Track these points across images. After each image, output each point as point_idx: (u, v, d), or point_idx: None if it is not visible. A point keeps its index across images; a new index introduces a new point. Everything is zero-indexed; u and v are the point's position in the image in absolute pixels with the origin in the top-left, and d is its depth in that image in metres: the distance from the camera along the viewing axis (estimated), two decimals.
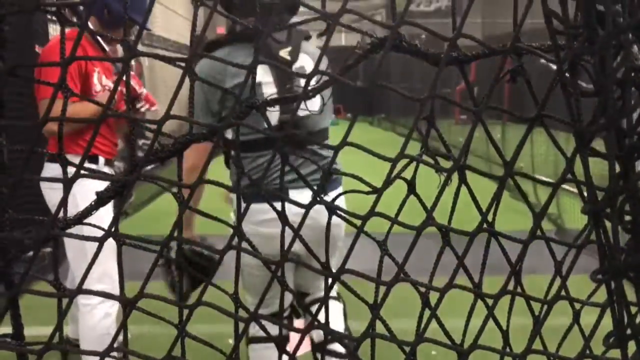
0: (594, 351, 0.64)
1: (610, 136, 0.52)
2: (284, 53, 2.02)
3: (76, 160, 0.60)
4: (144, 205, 6.28)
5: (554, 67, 0.60)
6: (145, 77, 10.19)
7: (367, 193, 0.62)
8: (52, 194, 2.58)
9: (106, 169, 2.62)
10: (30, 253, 0.62)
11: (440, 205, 0.62)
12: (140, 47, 0.61)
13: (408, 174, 0.65)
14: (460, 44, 0.63)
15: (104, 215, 0.63)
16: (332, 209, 0.62)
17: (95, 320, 2.64)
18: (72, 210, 0.60)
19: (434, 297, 0.65)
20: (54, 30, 5.05)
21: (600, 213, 0.53)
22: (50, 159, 2.48)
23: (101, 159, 2.60)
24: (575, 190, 0.64)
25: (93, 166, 2.56)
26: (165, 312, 0.61)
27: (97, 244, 0.61)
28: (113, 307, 2.67)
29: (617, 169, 0.55)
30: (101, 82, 2.59)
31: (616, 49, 0.54)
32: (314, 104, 1.88)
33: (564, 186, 0.70)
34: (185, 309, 0.62)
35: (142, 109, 2.72)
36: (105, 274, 2.48)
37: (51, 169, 2.47)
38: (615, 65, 0.54)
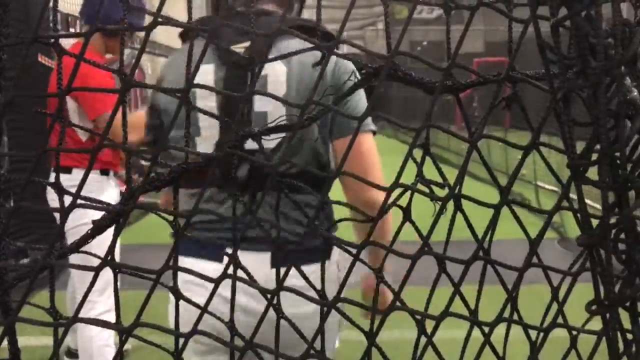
0: None
1: (604, 169, 0.52)
2: (239, 47, 1.37)
3: (81, 173, 0.61)
4: (147, 213, 6.30)
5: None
6: (147, 76, 10.22)
7: (362, 222, 0.62)
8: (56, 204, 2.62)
9: (113, 181, 2.66)
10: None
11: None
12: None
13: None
14: (463, 51, 0.62)
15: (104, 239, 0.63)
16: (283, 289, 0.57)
17: (94, 331, 2.65)
18: (79, 219, 0.60)
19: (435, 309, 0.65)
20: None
21: (594, 245, 0.53)
22: (63, 170, 2.51)
23: (111, 173, 2.65)
24: (573, 196, 0.63)
25: (104, 177, 2.60)
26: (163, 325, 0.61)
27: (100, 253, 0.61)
28: (112, 319, 2.68)
29: (612, 199, 0.55)
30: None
31: (609, 81, 0.54)
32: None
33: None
34: (180, 337, 0.62)
35: None
36: (109, 282, 2.49)
37: (66, 179, 2.49)
38: (609, 96, 0.54)
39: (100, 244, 0.63)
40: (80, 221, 2.20)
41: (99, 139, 0.60)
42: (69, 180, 2.56)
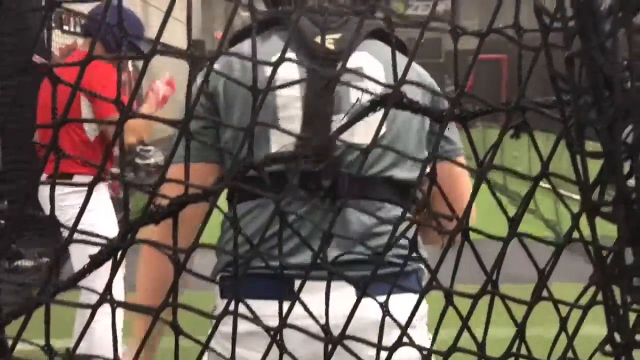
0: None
1: (619, 207, 0.50)
2: (328, 41, 1.22)
3: (81, 179, 0.59)
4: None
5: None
6: (143, 83, 10.18)
7: (369, 257, 0.60)
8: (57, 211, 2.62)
9: (104, 188, 2.65)
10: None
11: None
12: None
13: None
14: (459, 47, 0.60)
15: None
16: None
17: (103, 330, 2.65)
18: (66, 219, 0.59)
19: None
20: (56, 36, 5.04)
21: (609, 282, 0.52)
22: (60, 177, 2.50)
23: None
24: (574, 196, 0.61)
25: (101, 184, 2.60)
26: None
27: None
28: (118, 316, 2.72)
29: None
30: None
31: (624, 114, 0.52)
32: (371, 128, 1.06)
33: (563, 192, 0.69)
34: None
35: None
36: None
37: (60, 187, 2.48)
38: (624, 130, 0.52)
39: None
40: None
41: (105, 141, 0.58)
42: (66, 188, 2.53)
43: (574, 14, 0.52)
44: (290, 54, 1.19)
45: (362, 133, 0.93)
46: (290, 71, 1.15)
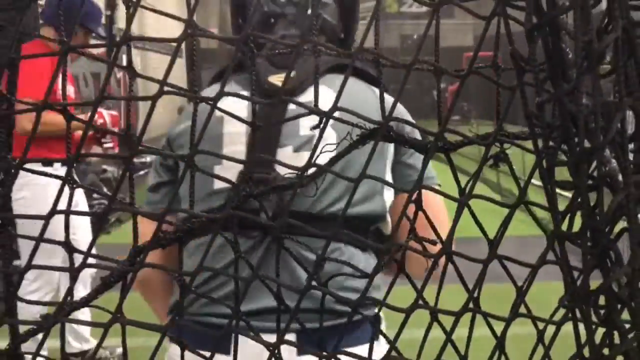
0: None
1: (584, 239, 0.55)
2: (275, 78, 1.18)
3: (33, 166, 0.64)
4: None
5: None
6: (138, 81, 10.18)
7: (359, 277, 0.66)
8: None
9: (62, 170, 2.68)
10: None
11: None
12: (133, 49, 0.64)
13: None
14: (454, 44, 0.64)
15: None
16: None
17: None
18: (23, 209, 0.64)
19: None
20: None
21: (576, 308, 0.57)
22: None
23: (57, 163, 2.66)
24: (565, 193, 0.65)
25: (49, 169, 2.61)
26: None
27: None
28: (47, 296, 2.87)
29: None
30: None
31: (590, 153, 0.58)
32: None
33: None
34: None
35: (106, 146, 2.83)
36: (41, 273, 2.68)
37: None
38: (588, 166, 0.58)
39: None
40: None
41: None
42: (27, 174, 2.54)
43: (545, 62, 0.58)
44: (244, 93, 1.19)
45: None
46: (239, 107, 1.10)
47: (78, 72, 9.23)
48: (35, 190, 2.61)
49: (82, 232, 3.17)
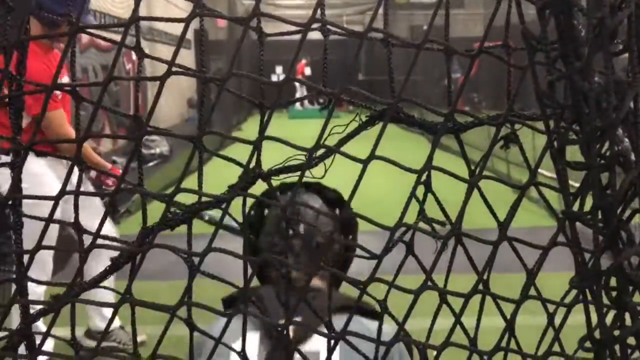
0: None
1: (596, 217, 0.55)
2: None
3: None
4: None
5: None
6: (147, 73, 10.20)
7: (368, 258, 0.66)
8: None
9: (55, 161, 2.74)
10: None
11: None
12: (142, 42, 0.63)
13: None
14: (464, 35, 0.64)
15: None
16: None
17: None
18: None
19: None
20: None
21: (587, 288, 0.57)
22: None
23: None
24: (576, 184, 0.64)
25: (42, 160, 2.64)
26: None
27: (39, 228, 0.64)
28: (39, 288, 2.88)
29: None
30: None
31: (602, 131, 0.57)
32: None
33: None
34: None
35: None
36: (37, 260, 2.71)
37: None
38: (601, 146, 0.57)
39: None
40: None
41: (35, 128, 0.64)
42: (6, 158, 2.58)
43: (557, 40, 0.57)
44: (254, 334, 1.26)
45: None
46: (248, 345, 0.99)
47: (87, 63, 9.26)
48: (31, 180, 2.63)
49: (91, 217, 3.22)
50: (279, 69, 17.74)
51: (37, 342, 0.67)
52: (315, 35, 0.64)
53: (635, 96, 0.52)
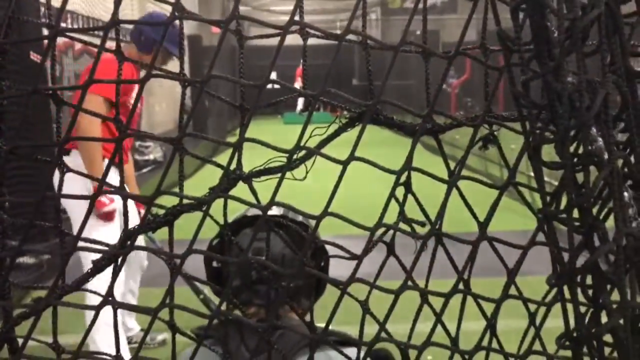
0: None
1: (571, 216, 0.55)
2: None
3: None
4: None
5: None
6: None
7: (348, 259, 0.66)
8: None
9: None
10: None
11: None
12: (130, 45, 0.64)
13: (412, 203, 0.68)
14: (457, 39, 0.64)
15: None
16: None
17: (107, 327, 2.71)
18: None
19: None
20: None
21: (562, 286, 0.57)
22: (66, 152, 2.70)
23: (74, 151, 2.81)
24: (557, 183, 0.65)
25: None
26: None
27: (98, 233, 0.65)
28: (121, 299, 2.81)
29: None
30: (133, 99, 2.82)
31: (577, 130, 0.58)
32: None
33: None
34: None
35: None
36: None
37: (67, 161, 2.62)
38: (576, 146, 0.58)
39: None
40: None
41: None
42: (70, 162, 2.64)
43: (531, 41, 0.58)
44: None
45: None
46: None
47: (81, 70, 9.24)
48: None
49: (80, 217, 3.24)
50: (272, 75, 17.77)
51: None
52: (311, 40, 0.65)
53: (606, 95, 0.53)
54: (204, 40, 14.31)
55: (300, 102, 16.42)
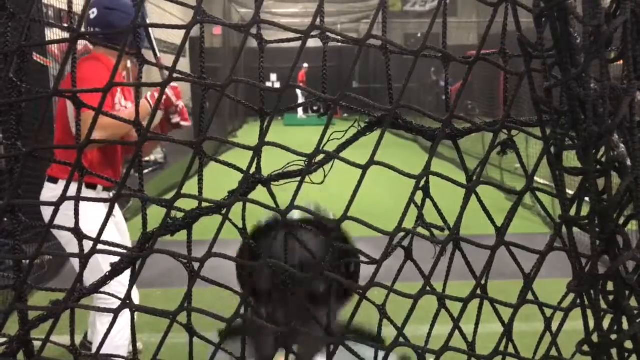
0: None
1: (593, 222, 0.55)
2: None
3: (74, 187, 0.64)
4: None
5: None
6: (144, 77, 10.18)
7: (367, 263, 0.66)
8: (48, 214, 2.59)
9: (104, 194, 2.63)
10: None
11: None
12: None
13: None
14: (457, 43, 0.64)
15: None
16: None
17: (115, 330, 2.66)
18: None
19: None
20: (53, 33, 5.10)
21: (584, 292, 0.57)
22: (50, 180, 2.52)
23: (99, 187, 2.61)
24: (569, 191, 0.65)
25: (91, 192, 2.56)
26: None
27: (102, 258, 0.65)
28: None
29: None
30: (120, 102, 2.65)
31: (598, 137, 0.58)
32: None
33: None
34: None
35: (175, 121, 2.64)
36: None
37: (50, 189, 2.51)
38: (599, 151, 0.58)
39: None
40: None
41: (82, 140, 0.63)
42: (54, 191, 2.48)
43: (553, 47, 0.58)
44: None
45: None
46: None
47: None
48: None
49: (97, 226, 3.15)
50: (273, 77, 17.77)
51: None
52: (311, 42, 0.65)
53: (631, 102, 0.53)
54: (206, 41, 14.27)
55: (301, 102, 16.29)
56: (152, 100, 2.54)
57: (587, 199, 0.61)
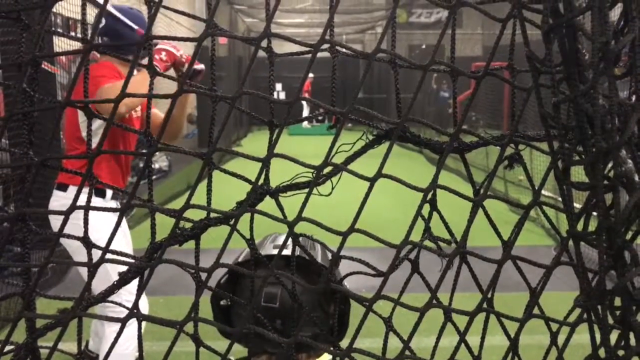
0: None
1: (601, 238, 0.56)
2: None
3: (84, 196, 0.65)
4: (148, 216, 6.30)
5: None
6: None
7: (373, 276, 0.66)
8: (56, 222, 2.61)
9: (113, 203, 2.65)
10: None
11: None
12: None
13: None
14: (463, 55, 0.65)
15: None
16: None
17: (123, 338, 2.66)
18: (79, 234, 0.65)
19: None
20: (60, 41, 5.15)
21: (592, 307, 0.57)
22: (59, 187, 2.54)
23: (109, 193, 2.62)
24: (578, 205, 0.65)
25: (100, 199, 2.58)
26: None
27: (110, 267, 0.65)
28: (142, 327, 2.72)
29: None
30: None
31: (606, 152, 0.58)
32: None
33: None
34: None
35: (189, 70, 2.63)
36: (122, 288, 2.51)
37: (58, 197, 2.53)
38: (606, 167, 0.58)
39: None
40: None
41: (96, 149, 0.64)
42: (63, 199, 2.48)
43: (561, 63, 0.58)
44: None
45: None
46: None
47: None
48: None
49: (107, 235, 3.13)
50: (278, 86, 17.86)
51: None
52: (320, 53, 0.66)
53: (639, 119, 0.53)
54: (210, 50, 14.34)
55: (306, 112, 16.47)
56: (159, 64, 2.55)
57: (594, 213, 0.62)
